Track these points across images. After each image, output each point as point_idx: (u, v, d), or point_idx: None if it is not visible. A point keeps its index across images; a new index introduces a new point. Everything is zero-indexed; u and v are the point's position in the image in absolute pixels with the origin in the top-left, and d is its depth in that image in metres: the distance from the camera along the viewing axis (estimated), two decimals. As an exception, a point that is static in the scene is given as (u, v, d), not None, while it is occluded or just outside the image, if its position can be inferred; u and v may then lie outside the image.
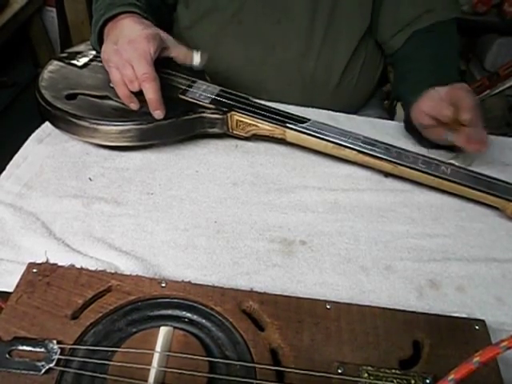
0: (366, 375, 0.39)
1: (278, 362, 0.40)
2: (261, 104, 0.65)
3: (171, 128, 0.63)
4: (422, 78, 0.71)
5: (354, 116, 0.77)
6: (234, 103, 0.64)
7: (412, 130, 0.70)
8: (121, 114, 0.61)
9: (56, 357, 0.38)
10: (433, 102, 0.63)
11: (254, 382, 0.38)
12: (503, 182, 0.60)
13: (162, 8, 0.79)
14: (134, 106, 0.61)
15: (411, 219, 0.60)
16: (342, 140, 0.61)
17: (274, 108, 0.64)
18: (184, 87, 0.65)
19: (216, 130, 0.65)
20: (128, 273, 0.47)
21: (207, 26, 0.79)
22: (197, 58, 0.66)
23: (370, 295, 0.51)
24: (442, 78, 0.69)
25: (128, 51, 0.59)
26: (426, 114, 0.64)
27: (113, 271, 0.46)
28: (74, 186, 0.60)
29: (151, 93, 0.58)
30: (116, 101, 0.63)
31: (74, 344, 0.40)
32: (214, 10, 0.77)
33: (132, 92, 0.60)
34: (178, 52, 0.65)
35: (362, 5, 0.76)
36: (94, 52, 0.72)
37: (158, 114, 0.60)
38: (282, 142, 0.65)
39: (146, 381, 0.37)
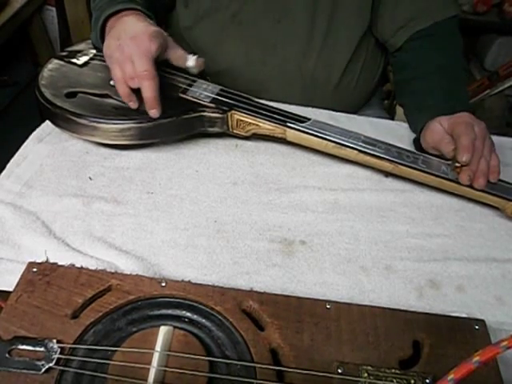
0: (365, 375, 0.39)
1: (278, 362, 0.40)
2: (261, 103, 0.65)
3: (171, 127, 0.63)
4: (429, 94, 0.70)
5: (355, 116, 0.77)
6: (234, 102, 0.64)
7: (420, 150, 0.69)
8: (121, 112, 0.61)
9: (56, 356, 0.38)
10: (437, 136, 0.63)
11: (254, 381, 0.38)
12: (503, 181, 0.60)
13: (158, 7, 0.78)
14: (132, 104, 0.61)
15: (411, 219, 0.60)
16: (342, 139, 0.61)
17: (274, 107, 0.64)
18: (184, 86, 0.65)
19: (216, 129, 0.65)
20: (128, 272, 0.47)
21: (207, 26, 0.79)
22: (190, 62, 0.65)
23: (370, 295, 0.51)
24: (448, 91, 0.69)
25: (130, 47, 0.59)
26: (432, 147, 0.65)
27: (113, 271, 0.46)
28: (74, 185, 0.60)
29: (149, 91, 0.58)
30: (116, 99, 0.63)
31: (73, 343, 0.40)
32: (214, 10, 0.77)
33: (133, 90, 0.60)
34: (174, 53, 0.65)
35: (362, 4, 0.76)
36: (94, 51, 0.72)
37: (154, 112, 0.60)
38: (282, 141, 0.65)
39: (146, 380, 0.37)
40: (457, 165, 0.59)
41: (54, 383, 0.37)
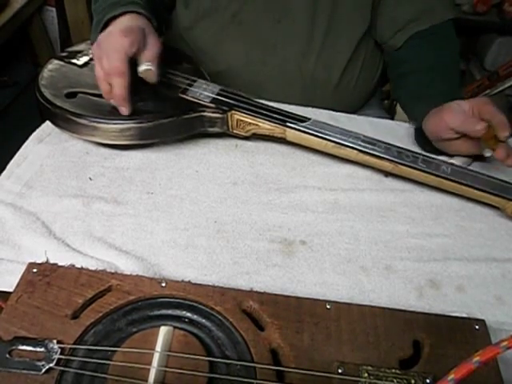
0: (366, 375, 0.39)
1: (278, 362, 0.40)
2: (261, 103, 0.65)
3: (171, 127, 0.63)
4: (429, 86, 0.71)
5: (355, 116, 0.77)
6: (234, 102, 0.64)
7: (422, 139, 0.70)
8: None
9: (56, 356, 0.38)
10: (459, 117, 0.62)
11: (254, 381, 0.38)
12: (503, 181, 0.60)
13: (159, 8, 0.79)
14: (113, 102, 0.60)
15: (411, 219, 0.60)
16: (342, 139, 0.61)
17: (274, 107, 0.64)
18: (184, 86, 0.65)
19: (216, 129, 0.65)
20: (128, 272, 0.47)
21: (207, 26, 0.79)
22: (140, 69, 0.61)
23: (370, 295, 0.51)
24: (445, 88, 0.70)
25: (105, 43, 0.58)
26: (452, 128, 0.63)
27: (113, 271, 0.46)
28: (74, 186, 0.60)
29: (118, 88, 0.58)
30: (116, 100, 0.63)
31: (74, 344, 0.40)
32: (214, 10, 0.77)
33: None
34: (143, 52, 0.61)
35: (362, 5, 0.76)
36: (94, 51, 0.72)
37: (123, 110, 0.59)
38: (282, 141, 0.65)
39: (146, 381, 0.37)
40: (492, 142, 0.60)
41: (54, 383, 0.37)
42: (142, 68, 0.61)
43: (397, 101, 0.82)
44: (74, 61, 0.70)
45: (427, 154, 0.62)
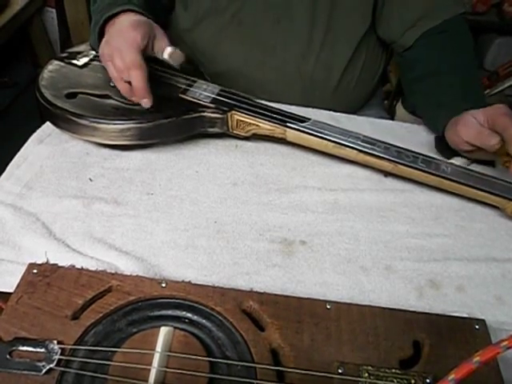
0: (366, 375, 0.39)
1: (279, 362, 0.40)
2: (261, 103, 0.65)
3: (171, 127, 0.63)
4: (446, 91, 0.68)
5: (355, 116, 0.77)
6: (234, 102, 0.64)
7: (444, 145, 0.67)
8: (121, 112, 0.61)
9: (56, 357, 0.38)
10: (473, 131, 0.59)
11: (255, 382, 0.38)
12: (503, 181, 0.60)
13: (157, 9, 0.79)
14: (134, 99, 0.61)
15: (411, 219, 0.60)
16: (342, 139, 0.61)
17: (274, 107, 0.64)
18: (184, 86, 0.65)
19: (216, 130, 0.65)
20: (128, 273, 0.47)
21: (207, 27, 0.79)
22: (165, 53, 0.63)
23: (370, 295, 0.51)
24: (467, 92, 0.66)
25: (116, 40, 0.59)
26: (467, 142, 0.61)
27: (113, 271, 0.46)
28: (74, 187, 0.60)
29: (137, 80, 0.58)
30: (116, 100, 0.63)
31: (74, 344, 0.40)
32: (213, 11, 0.77)
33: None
34: (156, 43, 0.63)
35: (362, 5, 0.76)
36: (94, 52, 0.72)
37: (146, 102, 0.59)
38: (282, 141, 0.65)
39: (147, 381, 0.37)
40: (505, 159, 0.57)
41: (54, 384, 0.37)
42: (168, 51, 0.62)
43: (413, 108, 0.78)
44: (74, 61, 0.70)
45: (427, 154, 0.62)
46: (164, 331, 0.40)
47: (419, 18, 0.72)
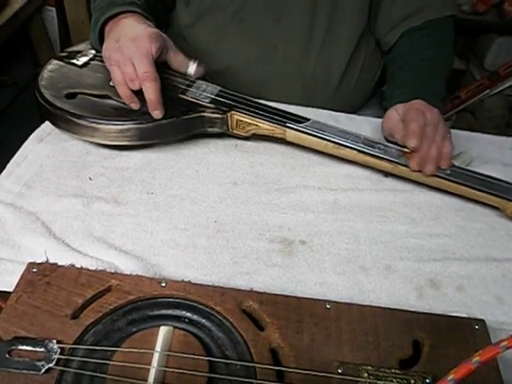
0: (365, 375, 0.39)
1: (278, 362, 0.40)
2: (261, 103, 0.65)
3: (171, 127, 0.63)
4: (405, 82, 0.70)
5: (355, 116, 0.77)
6: (233, 103, 0.64)
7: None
8: (121, 113, 0.61)
9: (56, 356, 0.38)
10: (391, 124, 0.64)
11: (254, 381, 0.38)
12: (503, 181, 0.60)
13: (159, 6, 0.79)
14: (134, 105, 0.61)
15: (411, 219, 0.60)
16: (342, 139, 0.61)
17: (274, 107, 0.64)
18: (184, 87, 0.65)
19: (216, 130, 0.65)
20: (128, 272, 0.47)
21: (208, 24, 0.79)
22: (191, 68, 0.66)
23: (370, 295, 0.51)
24: (425, 82, 0.69)
25: (130, 49, 0.59)
26: (388, 133, 0.66)
27: (113, 271, 0.46)
28: (74, 186, 0.60)
29: (151, 93, 0.58)
30: (116, 100, 0.63)
31: (73, 344, 0.40)
32: (214, 8, 0.77)
33: (132, 91, 0.60)
34: (174, 57, 0.65)
35: (362, 3, 0.76)
36: (93, 51, 0.72)
37: (157, 113, 0.60)
38: (282, 141, 0.65)
39: (146, 380, 0.37)
40: (406, 150, 0.60)
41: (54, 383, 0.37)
42: (194, 66, 0.65)
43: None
44: (74, 61, 0.69)
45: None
46: (163, 331, 0.40)
47: (404, 17, 0.75)
